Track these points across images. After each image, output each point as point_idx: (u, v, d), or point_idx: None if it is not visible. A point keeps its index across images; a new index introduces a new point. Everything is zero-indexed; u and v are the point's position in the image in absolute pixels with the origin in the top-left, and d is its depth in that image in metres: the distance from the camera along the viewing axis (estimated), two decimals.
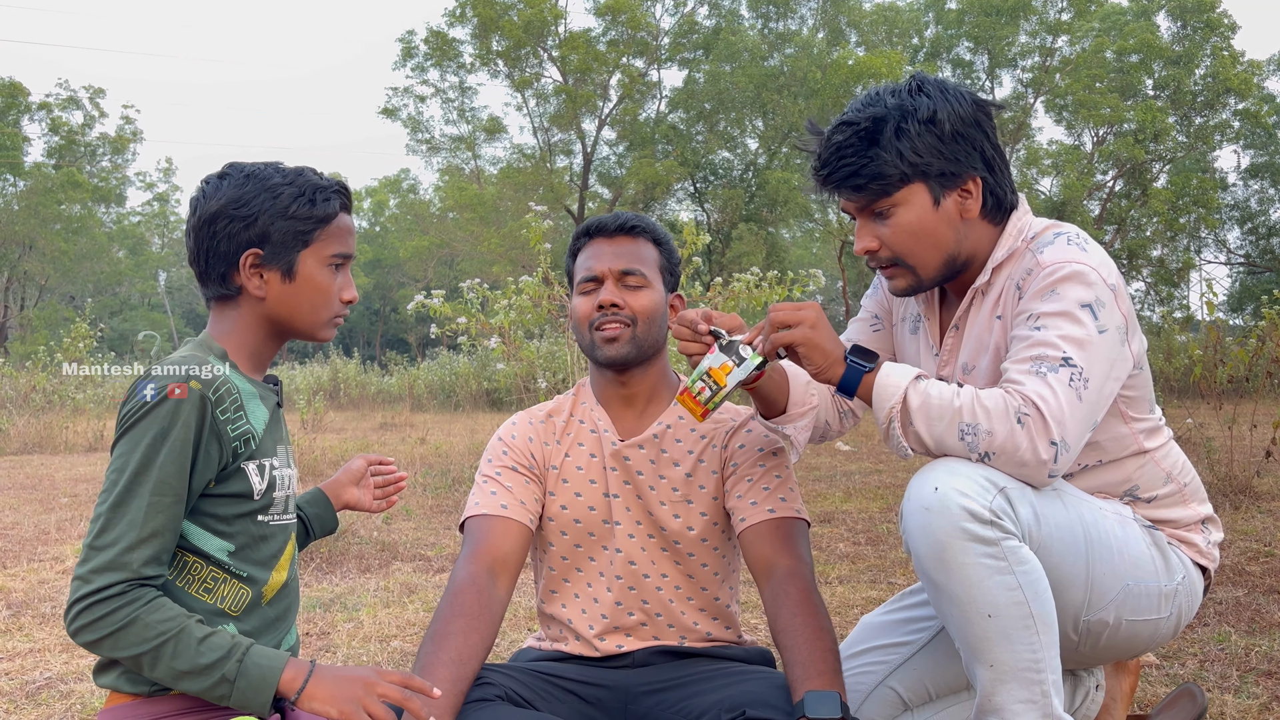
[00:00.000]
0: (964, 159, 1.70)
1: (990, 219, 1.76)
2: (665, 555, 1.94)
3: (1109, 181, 29.09)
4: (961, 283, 1.83)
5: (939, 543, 1.54)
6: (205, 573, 1.55)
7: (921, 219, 1.72)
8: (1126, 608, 1.70)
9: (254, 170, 1.62)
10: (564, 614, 1.95)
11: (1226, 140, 29.72)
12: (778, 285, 6.33)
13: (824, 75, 25.75)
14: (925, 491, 1.56)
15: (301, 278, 1.62)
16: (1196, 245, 32.71)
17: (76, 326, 12.95)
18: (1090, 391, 1.57)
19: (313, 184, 1.62)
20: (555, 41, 28.24)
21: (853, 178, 1.71)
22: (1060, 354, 1.57)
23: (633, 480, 1.95)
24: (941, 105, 1.69)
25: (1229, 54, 27.48)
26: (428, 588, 3.88)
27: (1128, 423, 1.74)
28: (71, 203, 31.52)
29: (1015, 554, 1.53)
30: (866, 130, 1.69)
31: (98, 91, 33.24)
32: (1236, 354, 6.02)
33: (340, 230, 1.65)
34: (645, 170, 26.83)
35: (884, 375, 1.64)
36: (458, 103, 30.26)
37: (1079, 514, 1.65)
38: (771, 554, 1.83)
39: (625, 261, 1.95)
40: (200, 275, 1.63)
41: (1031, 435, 1.54)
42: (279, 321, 1.64)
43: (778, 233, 29.48)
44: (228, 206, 1.57)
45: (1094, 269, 1.61)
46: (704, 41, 28.45)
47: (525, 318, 6.79)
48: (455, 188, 29.44)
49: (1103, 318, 1.59)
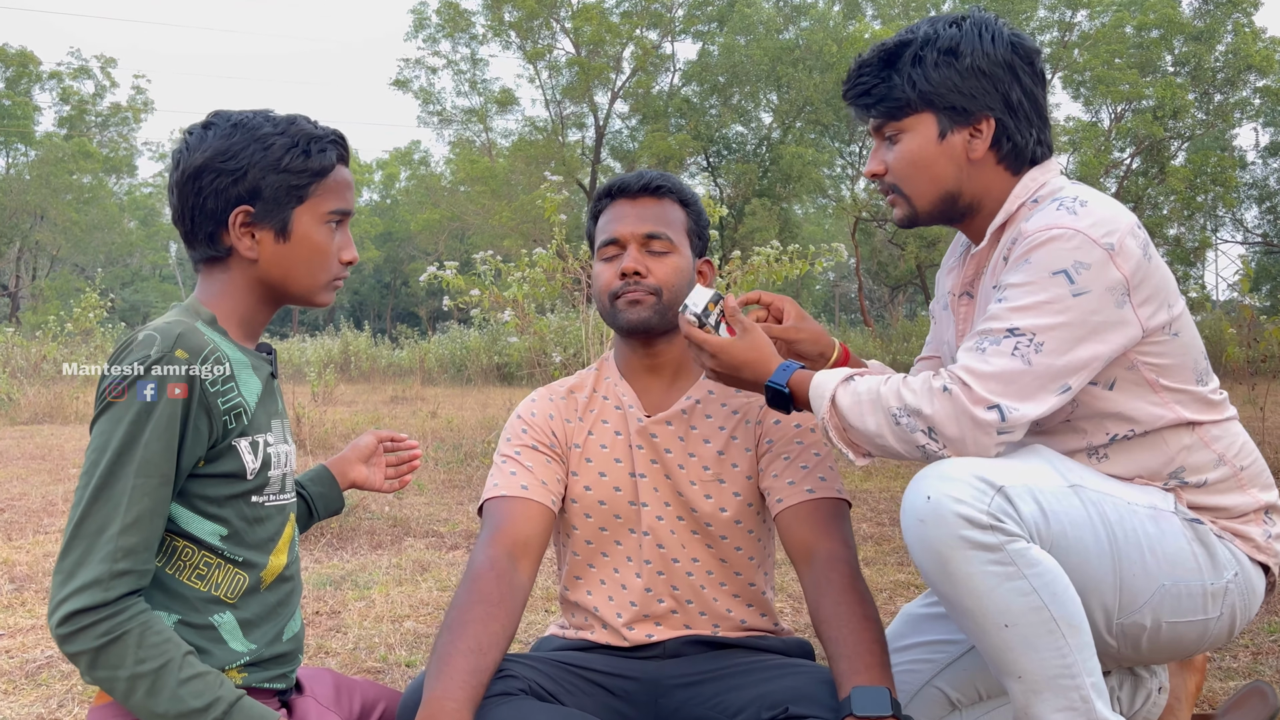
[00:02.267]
0: (980, 97, 1.65)
1: (1007, 166, 1.70)
2: (696, 538, 1.82)
3: (1126, 159, 28.74)
4: (974, 236, 1.78)
5: (939, 555, 1.45)
6: (197, 558, 1.43)
7: (924, 149, 1.69)
8: (1165, 609, 1.58)
9: (242, 119, 1.48)
10: (589, 601, 1.84)
11: (1247, 118, 29.33)
12: (799, 259, 6.19)
13: (840, 49, 25.42)
14: (918, 502, 1.48)
15: (297, 237, 1.49)
16: (1214, 224, 32.37)
17: (87, 297, 12.91)
18: (1046, 355, 1.50)
19: (307, 133, 1.49)
20: (568, 13, 27.95)
21: (864, 97, 1.72)
22: (1005, 326, 1.52)
23: (660, 459, 1.84)
24: (970, 40, 1.65)
25: (1250, 30, 27.05)
26: (441, 565, 3.78)
27: (1158, 391, 1.61)
28: (83, 173, 31.47)
29: (1023, 556, 1.43)
30: (888, 53, 1.69)
31: (109, 61, 33.10)
32: (1271, 333, 5.87)
33: (338, 184, 1.53)
34: (658, 144, 26.58)
35: (815, 384, 1.62)
36: (469, 74, 30.05)
37: (1100, 511, 1.54)
38: (811, 537, 1.72)
39: (649, 224, 1.83)
40: (186, 236, 1.50)
41: (959, 402, 1.49)
42: (273, 285, 1.52)
43: (791, 208, 29.26)
44: (214, 159, 1.44)
45: (1079, 231, 1.52)
46: (718, 14, 28.12)
47: (539, 290, 6.66)
48: (467, 160, 29.26)
49: (1082, 280, 1.50)
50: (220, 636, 1.44)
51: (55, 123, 32.73)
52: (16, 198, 29.72)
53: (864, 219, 27.59)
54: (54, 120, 32.89)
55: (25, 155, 31.70)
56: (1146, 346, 1.59)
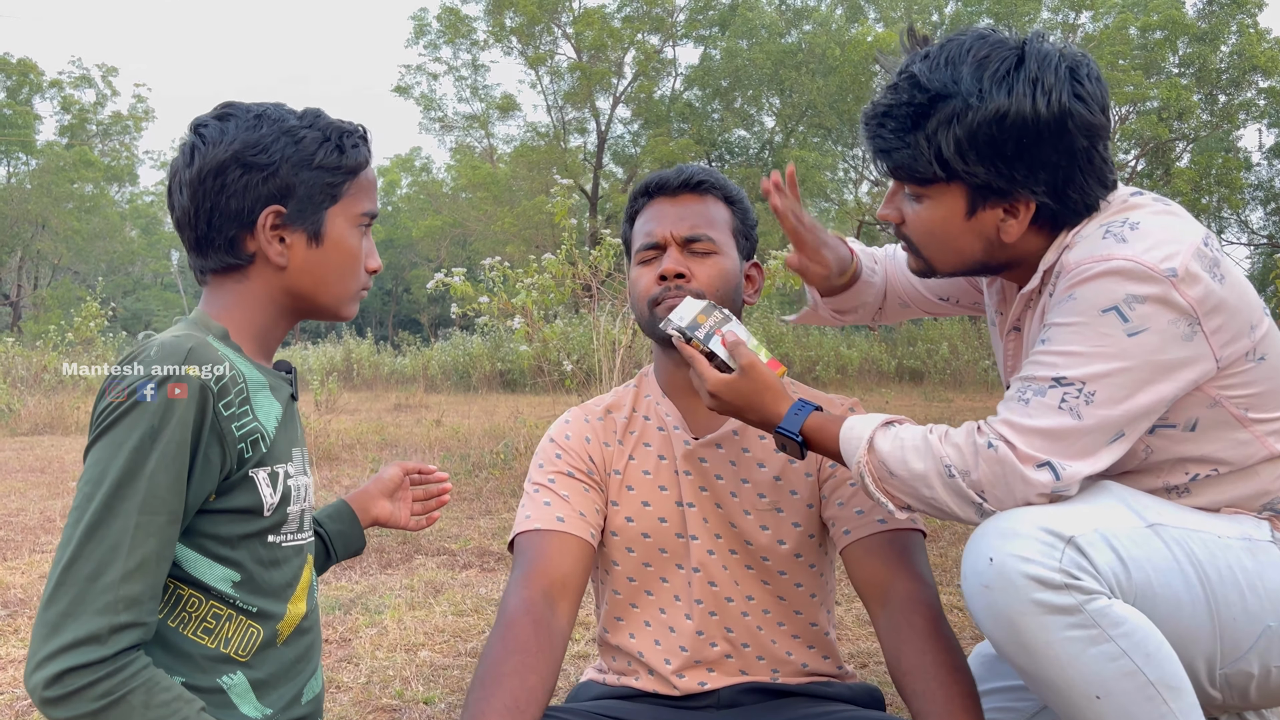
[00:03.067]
0: (1021, 178, 1.40)
1: (1050, 230, 1.47)
2: (751, 574, 1.65)
3: (1131, 160, 28.60)
4: (1014, 278, 1.57)
5: (1011, 624, 1.28)
6: (204, 609, 1.24)
7: (947, 224, 1.47)
8: (1274, 652, 1.39)
9: (264, 111, 1.32)
10: (633, 645, 1.66)
11: (1252, 119, 29.21)
12: None
13: (843, 52, 25.30)
14: (980, 566, 1.31)
15: (330, 241, 1.34)
16: (1219, 226, 32.21)
17: (88, 306, 12.75)
18: (1098, 407, 1.32)
19: (337, 127, 1.35)
20: (569, 18, 27.86)
21: (883, 155, 1.46)
22: (1050, 374, 1.34)
23: (710, 486, 1.66)
24: (1021, 104, 1.35)
25: (1255, 31, 26.95)
26: (454, 586, 3.62)
27: (1247, 426, 1.43)
28: (84, 182, 31.35)
29: (1106, 616, 1.26)
30: (918, 107, 1.40)
31: (110, 70, 32.98)
32: None
33: (369, 183, 1.39)
34: (660, 149, 26.44)
35: (847, 428, 1.45)
36: (471, 80, 29.94)
37: (1186, 550, 1.36)
38: (885, 574, 1.54)
39: (691, 224, 1.66)
40: (198, 242, 1.31)
41: (1008, 462, 1.32)
42: (300, 295, 1.35)
43: None
44: (244, 152, 1.28)
45: (1131, 259, 1.32)
46: (720, 18, 28.01)
47: (548, 297, 6.51)
48: (468, 167, 29.14)
49: (1138, 316, 1.31)
50: (230, 701, 1.25)
51: (56, 132, 32.63)
52: (18, 206, 29.58)
53: (867, 222, 27.44)
54: (55, 129, 32.80)
55: (26, 164, 31.56)
56: (1229, 379, 1.40)
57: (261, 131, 1.29)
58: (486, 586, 3.60)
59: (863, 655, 2.71)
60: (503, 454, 6.69)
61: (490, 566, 3.97)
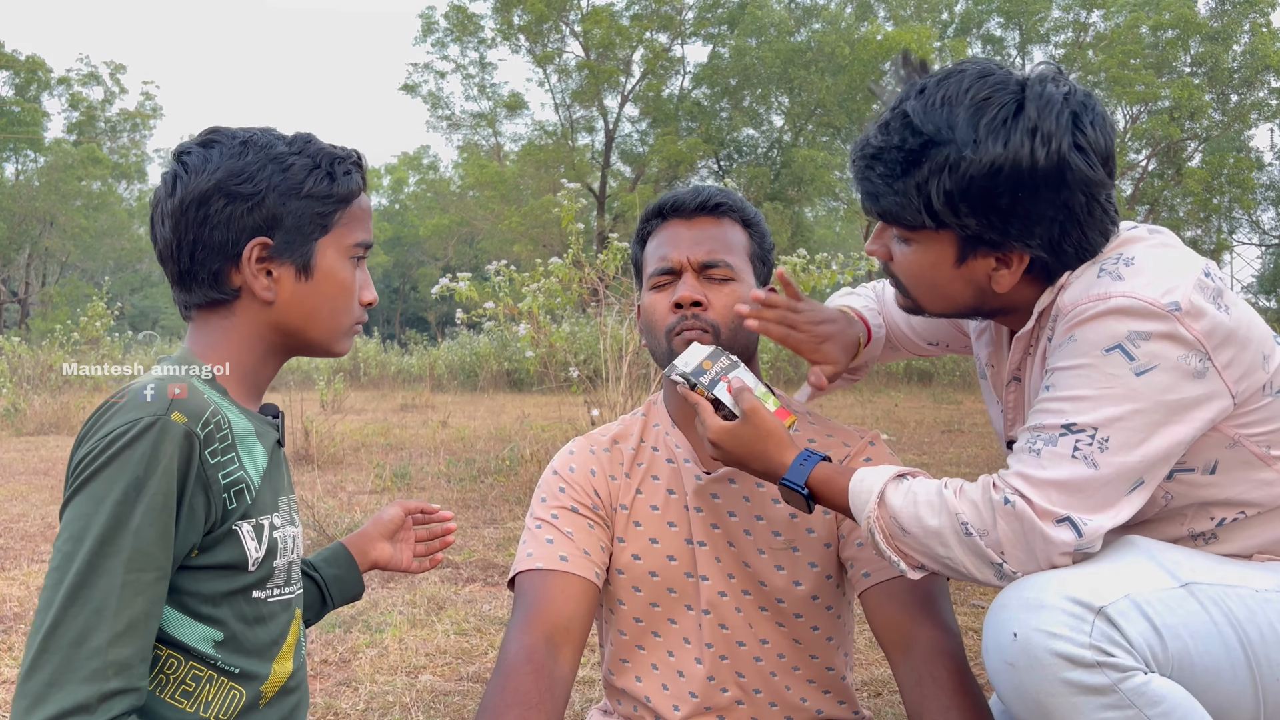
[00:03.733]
0: (1015, 232, 1.31)
1: (1045, 280, 1.38)
2: (765, 616, 1.57)
3: (1143, 160, 28.44)
4: (1008, 324, 1.49)
5: (1040, 706, 1.19)
6: (183, 671, 1.16)
7: (936, 270, 1.39)
8: None
9: (250, 137, 1.25)
10: (639, 689, 1.59)
11: (1264, 118, 29.00)
12: (827, 269, 5.94)
13: (852, 51, 25.19)
14: (1004, 642, 1.22)
15: (320, 273, 1.27)
16: (1230, 226, 32.02)
17: (94, 305, 12.71)
18: (1113, 454, 1.24)
19: (328, 154, 1.28)
20: (578, 16, 27.80)
21: (871, 199, 1.39)
22: (1059, 421, 1.26)
23: (723, 523, 1.58)
24: (1019, 156, 1.26)
25: (1268, 30, 26.76)
26: (457, 603, 3.55)
27: (1271, 465, 1.35)
28: (92, 179, 31.39)
29: (1143, 695, 1.17)
30: (909, 154, 1.32)
31: (118, 67, 33.01)
32: None
33: (362, 212, 1.32)
34: (668, 147, 26.37)
35: (857, 480, 1.37)
36: (478, 79, 29.91)
37: (1225, 610, 1.27)
38: (907, 621, 1.45)
39: (708, 249, 1.57)
40: (181, 275, 1.25)
41: (1027, 519, 1.24)
42: (290, 332, 1.28)
43: (802, 212, 29.01)
44: (225, 182, 1.21)
45: (1130, 294, 1.24)
46: (729, 16, 27.93)
47: (554, 301, 6.43)
48: (476, 165, 29.11)
49: (1144, 353, 1.23)
50: None
51: (65, 129, 32.67)
52: (26, 204, 29.62)
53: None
54: (63, 126, 32.85)
55: (35, 161, 31.61)
56: (1247, 415, 1.32)
57: (247, 159, 1.23)
58: (490, 603, 3.53)
59: (876, 683, 2.63)
60: (508, 459, 6.62)
61: (494, 581, 3.90)
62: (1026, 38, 29.19)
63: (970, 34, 29.51)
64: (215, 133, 1.27)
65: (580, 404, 7.31)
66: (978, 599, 3.48)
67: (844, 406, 12.43)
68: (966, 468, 6.58)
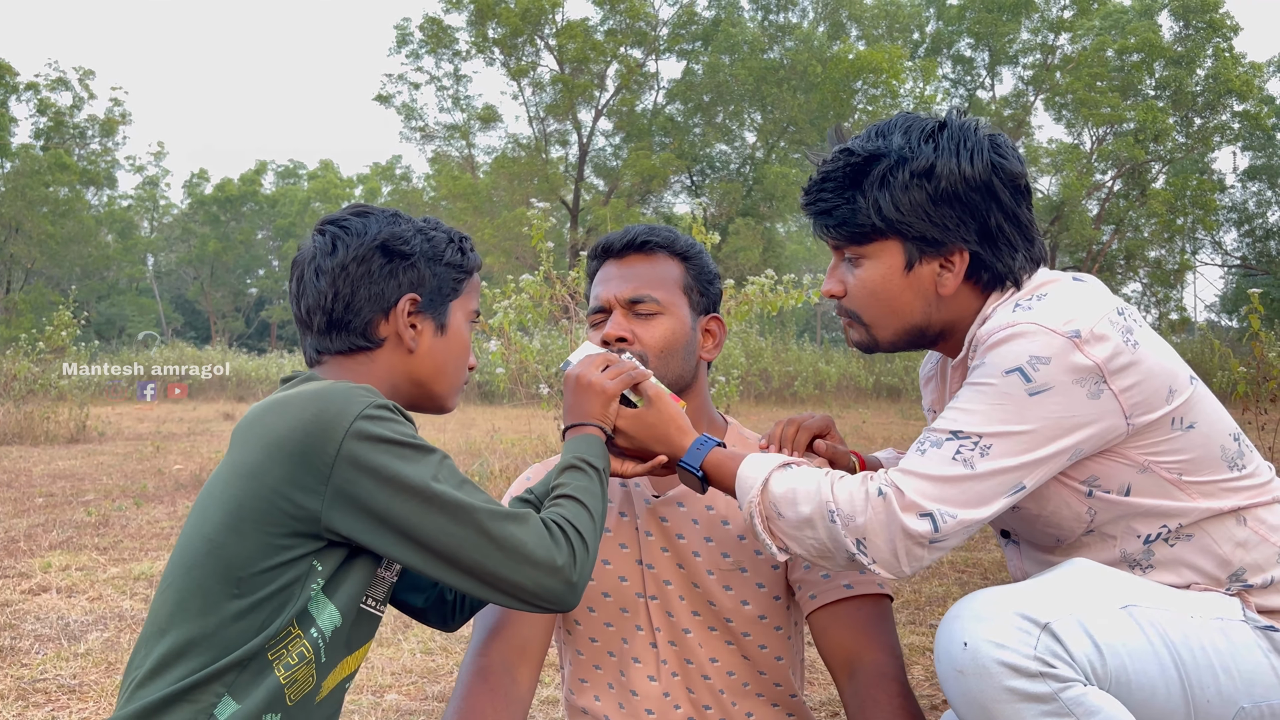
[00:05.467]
0: (954, 228, 1.46)
1: (983, 292, 1.50)
2: (714, 635, 1.62)
3: (1108, 181, 28.90)
4: (949, 352, 1.59)
5: (985, 710, 1.27)
6: (298, 646, 1.23)
7: (887, 281, 1.49)
8: None
9: (396, 212, 1.45)
10: (598, 708, 1.63)
11: (1226, 141, 29.58)
12: (794, 290, 6.02)
13: (824, 69, 25.48)
14: (954, 650, 1.29)
15: (451, 332, 1.45)
16: (1193, 247, 32.57)
17: (59, 314, 12.58)
18: (992, 459, 1.34)
19: (456, 233, 1.49)
20: (552, 30, 27.90)
21: (824, 216, 1.52)
22: (949, 428, 1.37)
23: (672, 546, 1.63)
24: (947, 159, 1.45)
25: (1231, 55, 27.33)
26: None
27: (1184, 489, 1.43)
28: (59, 185, 31.11)
29: (1081, 705, 1.25)
30: (854, 168, 1.48)
31: (87, 73, 32.76)
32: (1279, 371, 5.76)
33: (477, 285, 1.52)
34: (642, 162, 26.52)
35: (746, 465, 1.46)
36: (452, 90, 29.93)
37: (1161, 633, 1.35)
38: (853, 645, 1.52)
39: (633, 286, 1.63)
40: (331, 324, 1.38)
41: (891, 510, 1.33)
42: (419, 381, 1.43)
43: (774, 227, 29.22)
44: (390, 242, 1.39)
45: (1035, 323, 1.35)
46: (703, 33, 28.15)
47: (524, 317, 6.47)
48: (448, 177, 29.09)
49: (1041, 376, 1.33)
50: None
51: (32, 134, 32.36)
52: None
53: None
54: (31, 132, 32.52)
55: (1, 167, 31.27)
56: (1156, 445, 1.41)
57: (401, 227, 1.41)
58: None
59: (834, 704, 2.69)
60: (477, 475, 6.64)
61: None
62: (995, 59, 29.64)
63: (941, 54, 29.91)
64: (365, 207, 1.45)
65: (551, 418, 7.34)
66: (936, 619, 3.55)
67: None
68: None
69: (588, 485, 1.38)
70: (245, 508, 1.20)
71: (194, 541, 1.23)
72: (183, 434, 11.82)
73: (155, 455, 9.13)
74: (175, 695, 1.16)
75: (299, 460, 1.19)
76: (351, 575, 1.26)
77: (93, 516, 5.73)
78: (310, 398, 1.22)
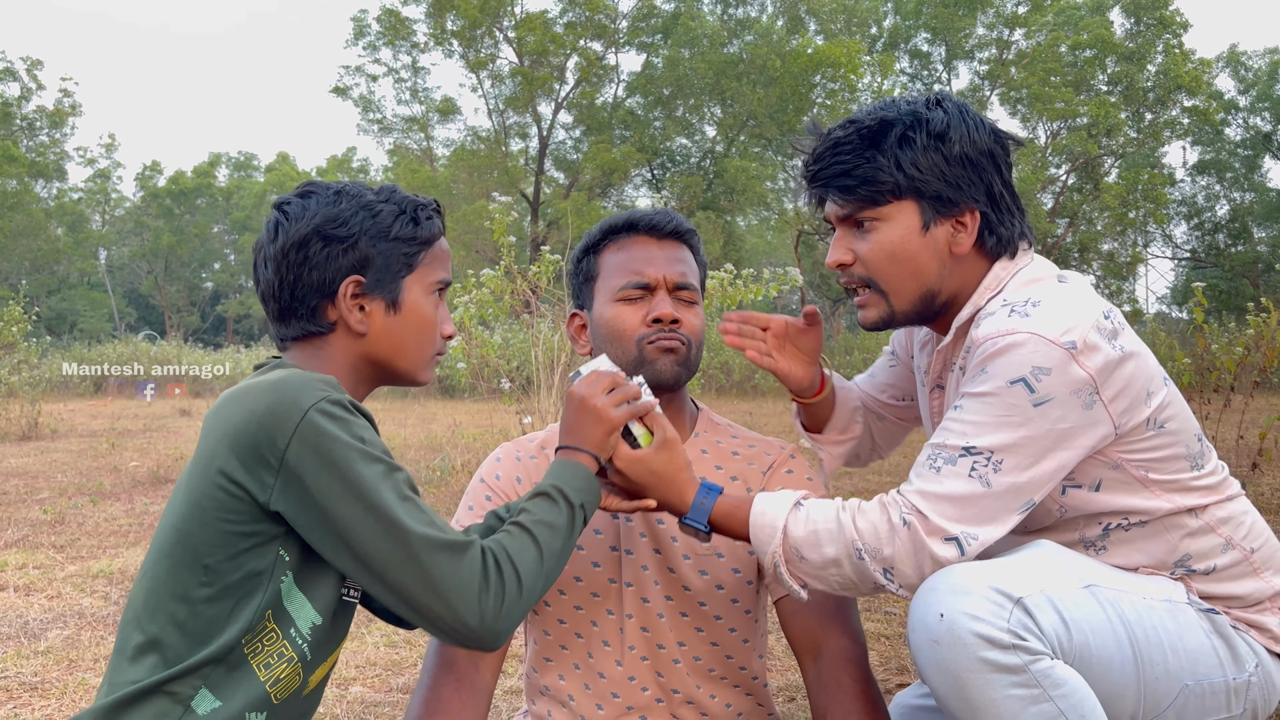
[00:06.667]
0: (966, 187, 1.53)
1: (989, 256, 1.57)
2: (686, 621, 1.65)
3: (1062, 175, 29.30)
4: (942, 330, 1.65)
5: (958, 679, 1.32)
6: (276, 645, 1.25)
7: (906, 241, 1.54)
8: (1189, 711, 1.47)
9: (342, 188, 1.41)
10: (563, 687, 1.66)
11: (1176, 136, 30.11)
12: (753, 284, 6.07)
13: (783, 63, 25.59)
14: (930, 620, 1.34)
15: (407, 308, 1.41)
16: (1145, 240, 33.16)
17: (10, 310, 12.35)
18: (1006, 474, 1.40)
19: (411, 201, 1.43)
20: (511, 22, 27.78)
21: (843, 177, 1.54)
22: (961, 443, 1.42)
23: (650, 531, 1.66)
24: (957, 124, 1.53)
25: (1180, 52, 27.80)
26: None
27: (1149, 486, 1.51)
28: (7, 178, 30.52)
29: (1049, 677, 1.31)
30: (870, 130, 1.53)
31: (35, 63, 32.14)
32: (1224, 363, 5.92)
33: (443, 253, 1.47)
34: (602, 156, 26.50)
35: (758, 514, 1.47)
36: (410, 83, 29.73)
37: (1119, 611, 1.42)
38: (819, 629, 1.57)
39: (680, 271, 1.65)
40: (281, 312, 1.38)
41: (918, 537, 1.38)
42: (379, 361, 1.41)
43: (735, 221, 29.33)
44: (324, 226, 1.36)
45: (1035, 334, 1.40)
46: (663, 26, 28.17)
47: (485, 312, 6.47)
48: (407, 169, 28.86)
49: (1043, 387, 1.39)
50: None
51: None
52: None
53: (807, 232, 27.74)
54: None
55: None
56: (1131, 444, 1.48)
57: (341, 206, 1.37)
58: None
59: (792, 688, 2.74)
60: (439, 470, 6.64)
61: None
62: (952, 54, 29.94)
63: (898, 49, 30.16)
64: (311, 185, 1.42)
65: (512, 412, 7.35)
66: (891, 606, 3.62)
67: (772, 415, 12.62)
68: (888, 476, 6.76)
69: (551, 519, 1.34)
70: (205, 496, 1.21)
71: (165, 531, 1.25)
72: (138, 430, 11.67)
73: (111, 452, 9.02)
74: (152, 687, 1.18)
75: (251, 451, 1.20)
76: (325, 568, 1.27)
77: (48, 515, 5.66)
78: (267, 388, 1.23)
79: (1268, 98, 32.48)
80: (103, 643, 3.21)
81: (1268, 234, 32.99)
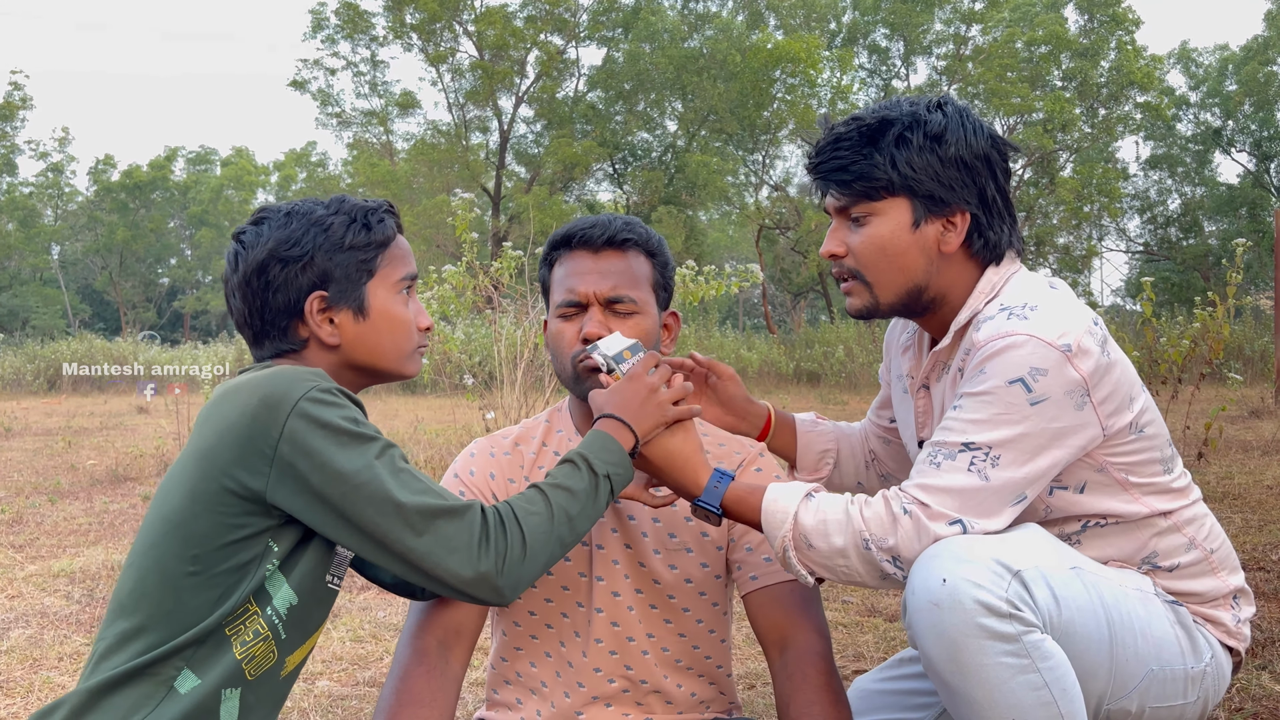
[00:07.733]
0: (959, 189, 1.59)
1: (977, 262, 1.64)
2: (655, 613, 1.69)
3: (1019, 170, 29.68)
4: (932, 329, 1.71)
5: (953, 643, 1.38)
6: (254, 623, 1.29)
7: (895, 236, 1.60)
8: (1151, 694, 1.56)
9: (292, 208, 1.45)
10: (535, 673, 1.70)
11: (1129, 131, 30.61)
12: (714, 280, 6.14)
13: (743, 58, 25.69)
14: (933, 585, 1.40)
15: (375, 312, 1.45)
16: (1099, 233, 33.69)
17: None
18: (1003, 469, 1.47)
19: (361, 207, 1.47)
20: (471, 16, 27.64)
21: (840, 172, 1.61)
22: (960, 440, 1.48)
23: (622, 526, 1.70)
24: (954, 128, 1.59)
25: (1133, 48, 28.25)
26: (353, 610, 3.61)
27: (1128, 489, 1.59)
28: None
29: (1038, 649, 1.38)
30: (869, 129, 1.60)
31: None
32: (1170, 355, 6.08)
33: (402, 251, 1.50)
34: (563, 150, 26.47)
35: (770, 501, 1.54)
36: (370, 76, 29.50)
37: (1099, 594, 1.50)
38: (786, 623, 1.62)
39: (613, 285, 1.66)
40: (256, 336, 1.44)
41: (920, 524, 1.46)
42: (359, 367, 1.46)
43: (696, 215, 29.41)
44: (277, 249, 1.40)
45: (1033, 335, 1.48)
46: (623, 20, 28.15)
47: (448, 308, 6.48)
48: (367, 164, 28.64)
49: (1040, 386, 1.46)
50: (218, 715, 1.28)
51: None
52: None
53: (768, 226, 27.90)
54: None
55: None
56: (1115, 447, 1.56)
57: (292, 227, 1.41)
58: (384, 610, 3.60)
59: (751, 676, 2.81)
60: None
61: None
62: (910, 49, 30.20)
63: (857, 44, 30.37)
64: (264, 210, 1.46)
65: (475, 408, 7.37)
66: (848, 595, 3.71)
67: None
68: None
69: (570, 484, 1.40)
70: (200, 489, 1.26)
71: (155, 523, 1.30)
72: (95, 428, 11.52)
73: (67, 451, 8.91)
74: (136, 670, 1.23)
75: (246, 443, 1.25)
76: (308, 554, 1.32)
77: (6, 514, 5.60)
78: (260, 382, 1.28)
79: (1217, 94, 33.08)
80: (66, 641, 3.21)
81: (1218, 227, 33.60)
